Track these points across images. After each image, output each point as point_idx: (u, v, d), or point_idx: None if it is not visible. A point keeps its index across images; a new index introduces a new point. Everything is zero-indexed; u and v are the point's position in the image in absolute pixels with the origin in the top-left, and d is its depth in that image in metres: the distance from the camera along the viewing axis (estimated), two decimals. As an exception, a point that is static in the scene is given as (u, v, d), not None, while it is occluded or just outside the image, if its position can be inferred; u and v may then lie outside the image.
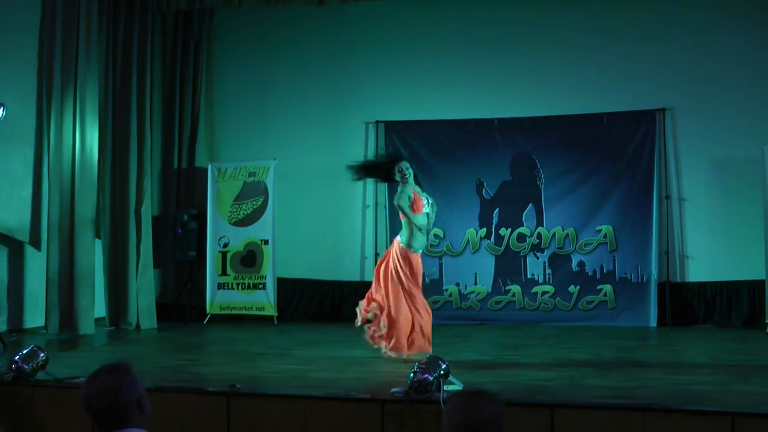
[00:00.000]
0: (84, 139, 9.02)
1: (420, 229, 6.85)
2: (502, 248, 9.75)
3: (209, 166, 10.14)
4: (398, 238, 6.96)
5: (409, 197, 6.84)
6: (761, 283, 8.72)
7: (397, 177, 6.93)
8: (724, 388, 5.58)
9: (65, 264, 8.86)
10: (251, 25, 10.63)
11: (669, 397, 5.20)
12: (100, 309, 9.45)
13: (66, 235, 8.87)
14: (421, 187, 7.22)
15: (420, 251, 6.96)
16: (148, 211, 9.70)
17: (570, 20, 9.76)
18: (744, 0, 9.44)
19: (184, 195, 10.48)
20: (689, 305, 9.35)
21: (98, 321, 9.31)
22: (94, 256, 9.18)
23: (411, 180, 6.95)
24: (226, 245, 9.98)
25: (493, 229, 9.73)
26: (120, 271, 9.52)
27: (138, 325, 9.45)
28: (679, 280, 9.42)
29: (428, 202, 6.97)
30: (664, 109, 9.46)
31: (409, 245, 6.84)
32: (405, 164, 6.97)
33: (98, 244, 9.53)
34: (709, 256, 9.36)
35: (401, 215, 6.91)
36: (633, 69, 9.61)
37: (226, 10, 10.32)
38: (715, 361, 6.86)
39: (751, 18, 9.40)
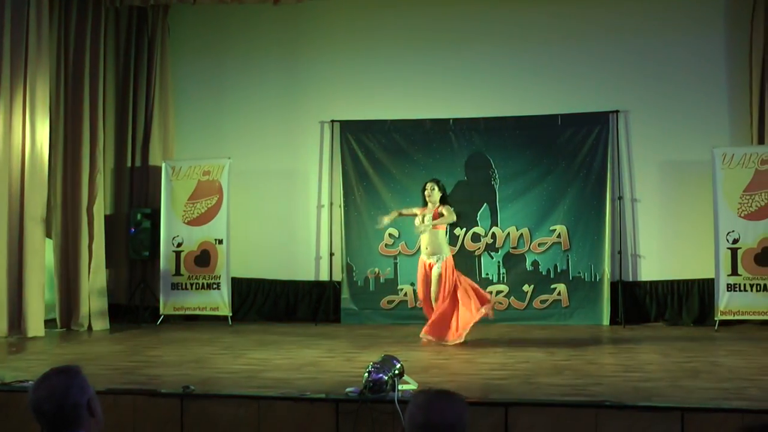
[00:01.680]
0: (34, 135, 8.82)
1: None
2: (457, 248, 9.77)
3: (163, 165, 10.00)
4: None
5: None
6: (711, 282, 8.90)
7: None
8: (675, 385, 5.69)
9: (14, 264, 8.66)
10: (206, 22, 10.53)
11: (621, 394, 5.27)
12: (50, 310, 9.28)
13: (15, 234, 8.67)
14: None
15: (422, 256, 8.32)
16: (100, 210, 9.55)
17: (525, 22, 9.86)
18: (694, 3, 9.63)
19: (137, 194, 10.34)
20: (641, 304, 9.49)
21: (48, 322, 9.13)
22: (44, 255, 9.01)
23: (432, 200, 8.25)
24: (179, 245, 9.86)
25: (447, 229, 9.74)
26: (71, 271, 9.36)
27: (90, 327, 9.29)
28: (631, 279, 9.55)
29: (422, 220, 8.22)
30: (617, 111, 9.60)
31: None
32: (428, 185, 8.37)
33: (49, 244, 9.35)
34: (660, 256, 9.52)
35: None
36: (587, 71, 9.74)
37: (181, 7, 10.22)
38: (666, 358, 6.97)
39: (701, 21, 9.58)
